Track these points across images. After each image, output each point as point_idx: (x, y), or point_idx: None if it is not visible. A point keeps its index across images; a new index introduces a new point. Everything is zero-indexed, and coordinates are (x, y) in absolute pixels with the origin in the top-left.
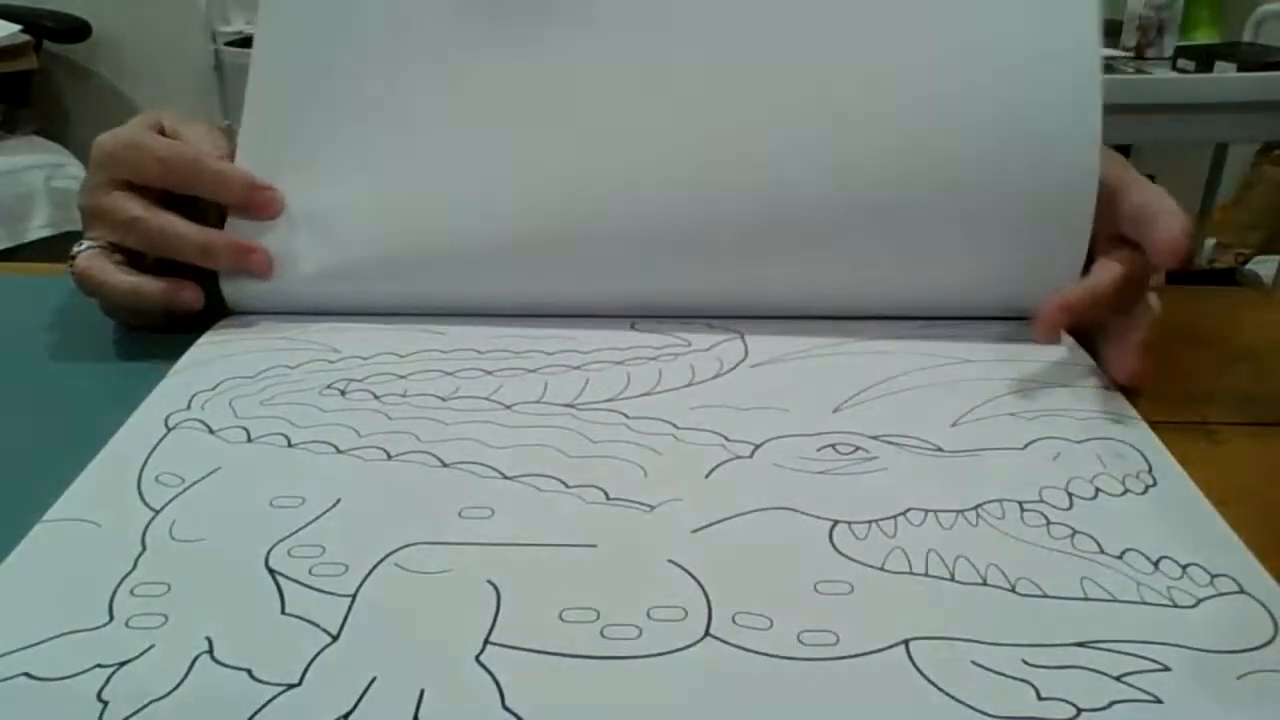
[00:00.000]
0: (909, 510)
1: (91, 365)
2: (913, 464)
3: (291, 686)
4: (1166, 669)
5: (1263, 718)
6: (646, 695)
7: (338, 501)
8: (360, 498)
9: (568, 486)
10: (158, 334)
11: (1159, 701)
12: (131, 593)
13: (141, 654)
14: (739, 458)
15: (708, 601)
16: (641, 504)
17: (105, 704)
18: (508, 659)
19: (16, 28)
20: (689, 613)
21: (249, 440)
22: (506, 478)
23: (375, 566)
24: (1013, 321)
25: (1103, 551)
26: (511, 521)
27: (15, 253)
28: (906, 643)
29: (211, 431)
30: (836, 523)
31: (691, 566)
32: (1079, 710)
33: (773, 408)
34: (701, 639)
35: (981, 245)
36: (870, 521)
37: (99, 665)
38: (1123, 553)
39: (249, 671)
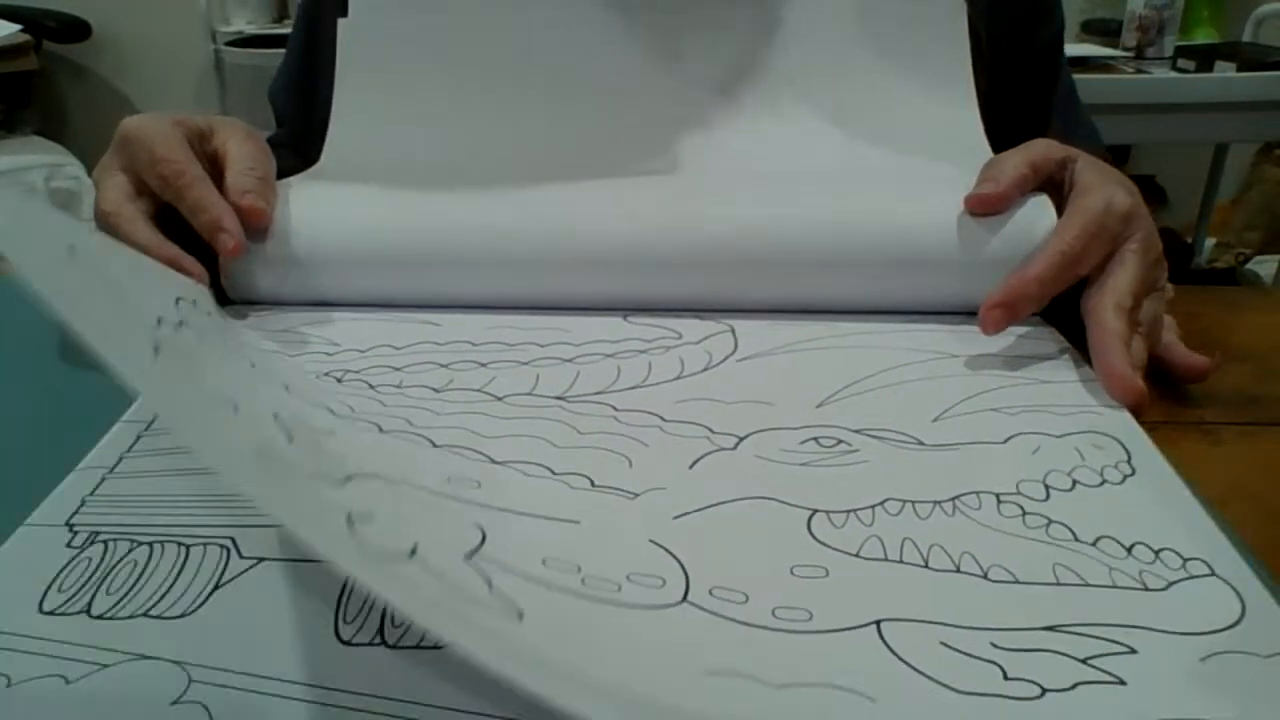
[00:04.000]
0: (887, 501)
1: (90, 366)
2: (893, 457)
3: None
4: (1133, 651)
5: (1223, 699)
6: (621, 640)
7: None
8: (352, 454)
9: (554, 474)
10: None
11: (1123, 684)
12: None
13: None
14: (723, 449)
15: (686, 576)
16: (625, 491)
17: None
18: (493, 569)
19: (16, 28)
20: (667, 581)
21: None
22: (495, 462)
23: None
24: None
25: (1077, 539)
26: (498, 492)
27: None
28: (878, 623)
29: None
30: (815, 512)
31: (671, 547)
32: (1044, 690)
33: (758, 401)
34: (678, 603)
35: (959, 249)
36: (848, 511)
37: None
38: (1096, 540)
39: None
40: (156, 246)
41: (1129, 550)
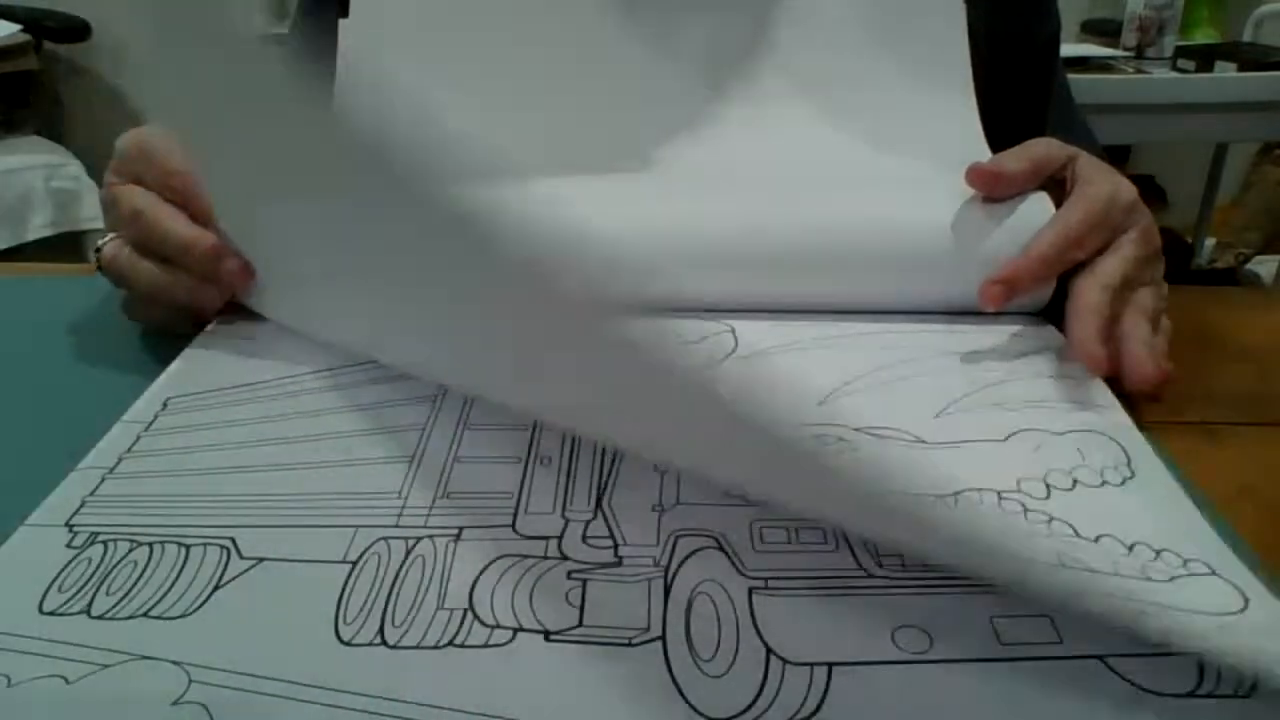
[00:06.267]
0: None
1: (90, 366)
2: (893, 455)
3: None
4: (1143, 612)
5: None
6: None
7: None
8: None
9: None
10: (157, 335)
11: (1130, 627)
12: None
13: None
14: None
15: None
16: None
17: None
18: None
19: (16, 28)
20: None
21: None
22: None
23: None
24: (999, 316)
25: (1078, 535)
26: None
27: (15, 253)
28: None
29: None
30: None
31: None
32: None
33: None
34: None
35: (958, 248)
36: None
37: None
38: (1098, 538)
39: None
40: (199, 238)
41: (1130, 549)
